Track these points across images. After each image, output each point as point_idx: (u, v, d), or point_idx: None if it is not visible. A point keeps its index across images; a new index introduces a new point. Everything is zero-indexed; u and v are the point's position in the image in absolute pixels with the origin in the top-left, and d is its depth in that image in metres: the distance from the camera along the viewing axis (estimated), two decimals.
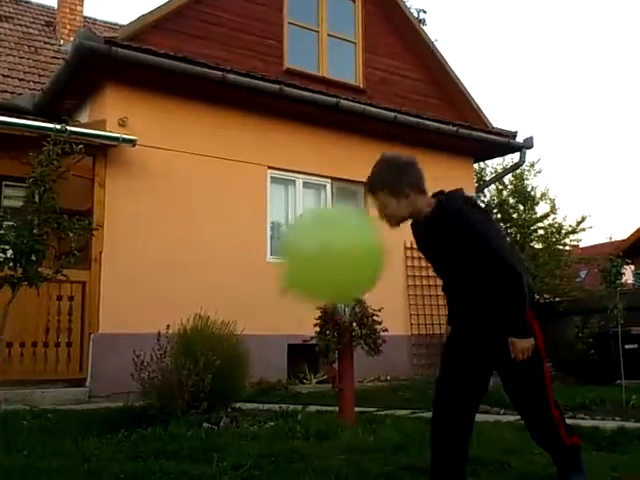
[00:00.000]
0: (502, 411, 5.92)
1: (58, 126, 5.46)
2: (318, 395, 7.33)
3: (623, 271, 7.71)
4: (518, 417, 5.29)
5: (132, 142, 7.81)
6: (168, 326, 5.31)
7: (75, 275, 6.89)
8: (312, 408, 5.90)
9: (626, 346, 8.52)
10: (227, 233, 8.58)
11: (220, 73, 8.26)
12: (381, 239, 2.63)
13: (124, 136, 7.76)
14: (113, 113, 8.01)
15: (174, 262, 8.05)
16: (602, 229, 59.94)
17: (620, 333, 7.31)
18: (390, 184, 2.86)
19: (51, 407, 5.89)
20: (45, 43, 11.36)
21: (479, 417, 3.19)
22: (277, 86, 8.70)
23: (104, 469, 3.51)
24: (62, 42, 11.43)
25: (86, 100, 8.60)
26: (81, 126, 7.60)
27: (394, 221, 2.94)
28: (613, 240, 12.71)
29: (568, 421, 5.50)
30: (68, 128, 5.56)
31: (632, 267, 11.49)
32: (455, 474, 2.76)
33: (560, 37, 79.26)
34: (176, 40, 8.55)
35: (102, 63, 7.76)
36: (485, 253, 2.71)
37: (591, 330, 11.46)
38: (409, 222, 3.04)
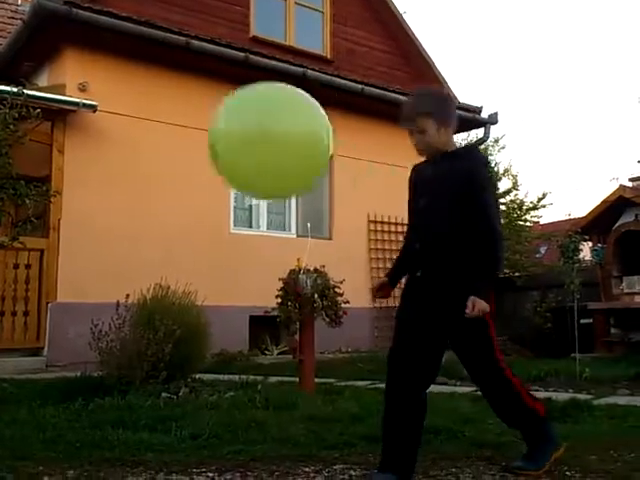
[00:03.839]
0: (459, 383, 6.03)
1: (15, 89, 5.29)
2: (279, 366, 7.36)
3: (581, 247, 7.86)
4: (474, 388, 5.41)
5: (93, 108, 7.63)
6: (127, 295, 5.25)
7: (32, 243, 6.76)
8: (273, 379, 5.93)
9: (582, 321, 8.74)
10: (190, 203, 8.48)
11: (184, 39, 8.10)
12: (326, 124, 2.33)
13: (84, 101, 7.57)
14: (73, 77, 7.80)
15: (135, 231, 7.94)
16: (562, 206, 61.03)
17: (576, 308, 7.48)
18: (437, 111, 2.87)
19: (7, 376, 5.79)
20: (2, 2, 10.95)
21: (436, 388, 3.25)
22: (243, 54, 8.57)
23: (60, 438, 3.47)
24: (20, 2, 11.02)
25: (45, 63, 8.35)
26: (39, 90, 7.38)
27: (426, 149, 2.92)
28: (572, 217, 12.96)
29: None
30: (25, 91, 5.39)
31: (590, 244, 11.73)
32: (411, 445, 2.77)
33: (528, 11, 79.61)
34: (139, 3, 8.35)
35: (62, 25, 7.53)
36: (481, 208, 2.77)
37: (549, 305, 11.71)
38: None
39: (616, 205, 11.40)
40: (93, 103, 7.62)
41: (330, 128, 2.34)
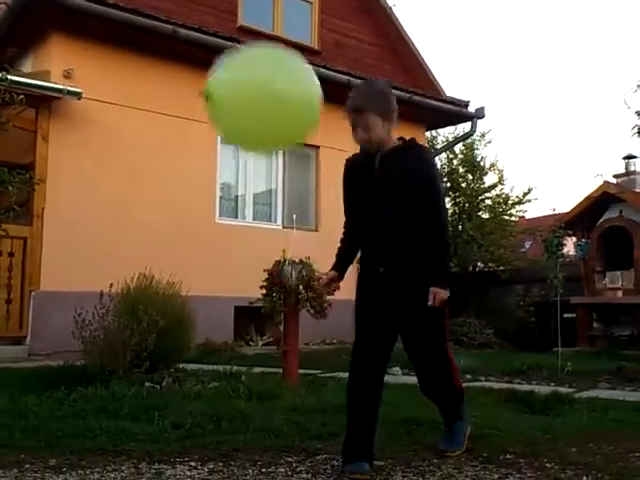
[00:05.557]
0: None
1: None
2: (264, 357, 7.36)
3: (564, 242, 7.90)
4: None
5: (78, 95, 7.55)
6: (111, 285, 5.21)
7: (16, 231, 6.72)
8: (257, 369, 5.92)
9: (564, 315, 8.81)
10: (175, 192, 8.44)
11: (171, 27, 8.03)
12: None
13: (69, 88, 7.50)
14: (58, 64, 7.72)
15: (119, 220, 7.89)
16: (547, 201, 61.43)
17: (559, 302, 7.52)
18: (382, 105, 2.92)
19: None
20: None
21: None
22: (230, 43, 8.49)
23: (41, 426, 3.45)
24: None
25: (30, 49, 8.25)
26: (23, 76, 7.29)
27: (369, 144, 2.94)
28: (557, 212, 13.05)
29: (505, 385, 5.68)
30: (9, 77, 5.33)
31: (574, 239, 11.82)
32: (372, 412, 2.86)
33: (517, 7, 79.79)
34: None
35: (47, 10, 7.44)
36: (430, 200, 2.91)
37: (532, 299, 11.80)
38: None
39: (600, 201, 11.49)
40: (78, 90, 7.54)
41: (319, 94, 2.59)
